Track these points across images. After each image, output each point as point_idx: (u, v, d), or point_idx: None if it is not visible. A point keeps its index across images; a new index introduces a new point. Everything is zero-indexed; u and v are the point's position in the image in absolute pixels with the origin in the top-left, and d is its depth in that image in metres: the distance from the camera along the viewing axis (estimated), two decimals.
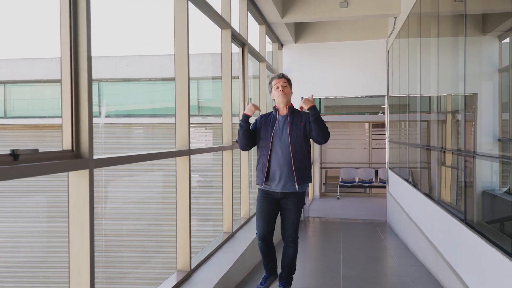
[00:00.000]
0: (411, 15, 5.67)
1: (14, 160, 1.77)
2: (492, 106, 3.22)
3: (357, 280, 4.19)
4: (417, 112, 5.61)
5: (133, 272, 7.27)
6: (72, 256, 2.21)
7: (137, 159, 2.83)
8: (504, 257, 2.59)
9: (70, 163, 2.09)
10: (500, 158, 2.95)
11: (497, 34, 3.15)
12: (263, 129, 3.48)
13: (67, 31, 2.16)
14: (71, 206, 2.21)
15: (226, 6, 4.70)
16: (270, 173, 3.40)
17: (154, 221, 7.60)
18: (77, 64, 2.20)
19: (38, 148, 1.91)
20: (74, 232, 2.21)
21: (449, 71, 4.02)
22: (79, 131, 2.18)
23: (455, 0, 4.03)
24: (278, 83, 3.51)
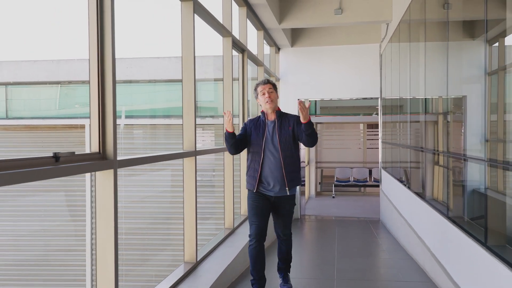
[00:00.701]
0: (402, 22, 6.01)
1: (56, 162, 2.09)
2: (481, 108, 3.35)
3: (351, 271, 4.54)
4: (407, 114, 5.95)
5: (145, 264, 7.60)
6: (99, 245, 2.53)
7: (154, 159, 3.16)
8: (482, 248, 2.94)
9: (98, 164, 2.41)
10: (489, 162, 3.09)
11: (486, 39, 3.29)
12: (254, 134, 3.53)
13: (95, 33, 2.45)
14: (98, 202, 2.53)
15: (227, 15, 5.02)
16: (262, 179, 3.48)
17: (161, 219, 7.91)
18: (103, 67, 2.50)
19: (74, 151, 2.23)
20: (100, 225, 2.53)
21: (437, 74, 4.34)
22: (105, 134, 2.50)
23: (444, 8, 4.38)
24: (264, 90, 3.53)
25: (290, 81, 8.51)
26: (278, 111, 3.57)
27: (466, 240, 3.22)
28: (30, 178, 1.87)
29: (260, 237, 3.50)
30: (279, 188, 3.46)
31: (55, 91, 11.19)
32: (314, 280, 4.30)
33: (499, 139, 2.89)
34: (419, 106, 5.20)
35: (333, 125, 12.70)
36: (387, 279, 4.52)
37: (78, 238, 9.73)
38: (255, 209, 3.50)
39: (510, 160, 2.64)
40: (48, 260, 9.62)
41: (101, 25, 2.48)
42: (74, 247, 9.63)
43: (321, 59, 8.38)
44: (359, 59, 8.23)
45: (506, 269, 2.50)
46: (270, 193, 3.49)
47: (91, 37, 2.48)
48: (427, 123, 4.94)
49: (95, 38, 2.46)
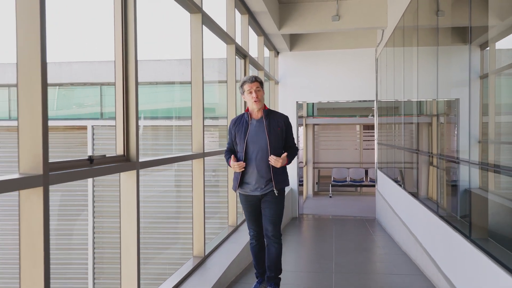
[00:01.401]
0: (397, 29, 6.34)
1: (91, 164, 2.39)
2: (473, 110, 3.50)
3: (348, 265, 4.86)
4: (402, 116, 6.29)
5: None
6: (123, 238, 2.83)
7: (170, 161, 3.49)
8: (466, 241, 3.27)
9: (123, 165, 2.71)
10: (480, 165, 3.26)
11: (479, 44, 3.46)
12: (238, 136, 3.47)
13: (120, 37, 2.76)
14: (122, 200, 2.84)
15: (231, 24, 5.33)
16: (246, 180, 3.43)
17: (168, 218, 8.22)
18: (127, 69, 2.81)
19: (105, 154, 2.54)
20: (124, 221, 2.83)
21: (430, 78, 4.64)
22: (128, 138, 2.81)
23: (437, 15, 4.70)
24: (251, 88, 3.43)
25: (288, 84, 8.83)
26: (265, 110, 3.47)
27: (453, 234, 3.55)
28: (73, 177, 2.18)
29: (259, 237, 3.60)
30: (266, 187, 3.40)
31: (53, 92, 11.47)
32: (313, 273, 4.63)
33: (491, 140, 3.13)
34: (412, 108, 5.53)
35: (330, 126, 13.06)
36: (382, 272, 4.85)
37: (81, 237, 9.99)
38: (249, 215, 3.54)
39: (494, 163, 2.97)
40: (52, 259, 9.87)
41: (125, 32, 2.78)
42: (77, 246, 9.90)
43: (319, 62, 8.71)
44: (356, 63, 8.56)
45: (487, 259, 2.82)
46: (256, 193, 3.44)
47: (117, 43, 2.78)
48: (420, 125, 5.27)
49: (120, 45, 2.77)
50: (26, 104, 1.93)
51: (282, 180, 3.45)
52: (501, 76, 3.08)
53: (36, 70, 1.92)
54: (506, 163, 2.82)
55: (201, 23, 4.12)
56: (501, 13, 3.01)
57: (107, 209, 9.94)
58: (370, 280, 4.51)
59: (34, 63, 1.92)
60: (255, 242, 3.62)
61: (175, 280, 3.58)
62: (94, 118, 10.90)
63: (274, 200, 3.44)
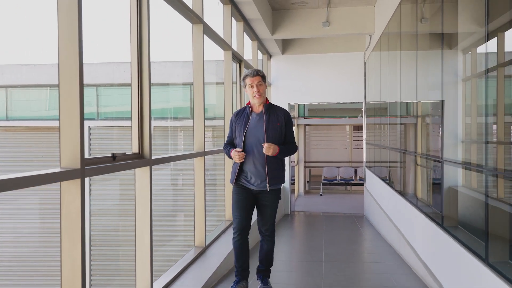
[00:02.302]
0: (383, 35, 6.80)
1: (114, 160, 2.80)
2: (457, 111, 3.72)
3: (337, 255, 5.30)
4: (387, 116, 6.74)
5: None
6: (138, 227, 3.23)
7: (178, 158, 3.93)
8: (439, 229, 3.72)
9: (138, 162, 3.12)
10: (463, 165, 3.51)
11: (461, 49, 3.69)
12: (237, 128, 3.49)
13: (135, 39, 3.15)
14: (137, 193, 3.24)
15: (228, 32, 5.74)
16: (244, 173, 3.44)
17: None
18: (141, 71, 3.20)
19: (125, 152, 2.94)
20: (139, 212, 3.23)
21: (412, 81, 5.04)
22: (143, 137, 3.21)
23: (421, 22, 5.15)
24: (253, 82, 3.43)
25: (281, 86, 9.27)
26: (266, 104, 3.47)
27: (429, 224, 4.01)
28: (102, 171, 2.59)
29: (243, 231, 3.48)
30: (260, 183, 3.41)
31: (45, 93, 11.80)
32: (304, 262, 5.06)
33: (473, 140, 3.39)
34: (397, 109, 5.99)
35: (320, 126, 13.54)
36: (368, 261, 5.31)
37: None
38: (238, 202, 3.46)
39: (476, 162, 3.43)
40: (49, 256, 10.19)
41: (140, 38, 3.18)
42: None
43: (310, 65, 9.15)
44: (345, 66, 9.02)
45: (457, 244, 3.27)
46: (252, 187, 3.44)
47: (132, 48, 3.17)
48: (405, 125, 5.72)
49: (135, 50, 3.17)
50: (66, 107, 2.33)
51: (276, 176, 3.43)
52: (482, 79, 3.26)
53: (75, 77, 2.32)
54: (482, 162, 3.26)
55: (202, 32, 4.53)
56: (480, 20, 3.20)
57: (103, 207, 10.29)
58: (357, 268, 4.96)
59: (74, 70, 2.32)
60: (238, 237, 3.49)
61: (180, 267, 3.99)
62: (90, 118, 11.24)
63: (269, 200, 3.44)
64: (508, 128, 2.86)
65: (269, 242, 3.57)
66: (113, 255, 8.90)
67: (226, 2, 5.68)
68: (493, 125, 2.92)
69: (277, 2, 7.22)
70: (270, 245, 3.58)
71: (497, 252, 2.67)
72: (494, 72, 2.90)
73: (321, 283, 4.04)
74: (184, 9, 4.08)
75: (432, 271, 3.93)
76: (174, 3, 3.88)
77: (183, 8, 4.05)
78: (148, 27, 3.19)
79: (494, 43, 2.92)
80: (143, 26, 3.19)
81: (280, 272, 4.52)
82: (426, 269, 4.06)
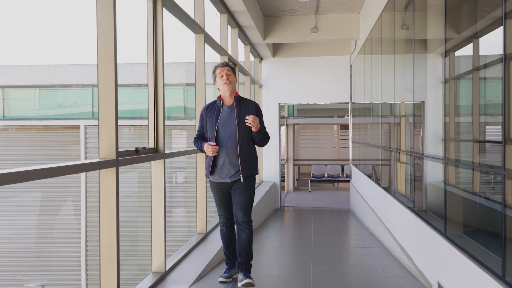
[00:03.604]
0: (367, 40, 7.45)
1: (136, 153, 3.37)
2: (437, 111, 3.90)
3: (324, 242, 5.93)
4: (371, 116, 7.39)
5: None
6: (153, 213, 3.81)
7: (187, 153, 4.52)
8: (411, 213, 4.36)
9: (155, 155, 3.69)
10: (444, 160, 3.72)
11: (440, 52, 3.93)
12: (209, 122, 3.58)
13: (151, 41, 3.71)
14: (153, 183, 3.81)
15: (224, 39, 6.33)
16: (217, 166, 3.54)
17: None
18: (156, 71, 3.77)
19: (145, 146, 3.52)
20: (154, 198, 3.81)
21: (397, 83, 5.64)
22: (157, 133, 3.78)
23: (402, 28, 5.79)
24: (222, 72, 3.54)
25: (271, 87, 9.89)
26: (236, 97, 3.58)
27: (403, 209, 4.65)
28: (130, 162, 3.16)
29: (229, 224, 3.74)
30: (234, 174, 3.51)
31: (33, 93, 12.27)
32: (295, 247, 5.69)
33: (451, 138, 3.72)
34: (381, 110, 6.63)
35: (309, 126, 14.21)
36: (353, 246, 5.97)
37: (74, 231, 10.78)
38: (219, 201, 3.67)
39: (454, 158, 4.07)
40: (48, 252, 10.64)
41: (155, 42, 3.74)
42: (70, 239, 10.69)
43: (299, 68, 9.79)
44: (332, 68, 9.69)
45: (426, 225, 3.90)
46: (226, 180, 3.55)
47: (149, 51, 3.73)
48: (388, 124, 6.36)
49: (151, 54, 3.72)
50: (104, 107, 2.89)
51: (249, 166, 3.54)
52: (460, 81, 3.52)
53: (111, 80, 2.88)
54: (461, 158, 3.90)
55: (204, 41, 5.12)
56: (457, 27, 3.54)
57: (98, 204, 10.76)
58: (343, 250, 5.60)
59: (110, 74, 2.89)
60: (225, 229, 3.74)
61: (186, 249, 4.57)
62: (86, 118, 11.72)
63: (243, 187, 3.53)
64: (483, 126, 3.03)
65: (247, 231, 3.59)
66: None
67: (223, 11, 6.27)
68: (471, 124, 3.17)
69: (268, 10, 7.83)
70: (248, 235, 3.59)
71: (453, 228, 3.31)
72: (470, 75, 3.16)
73: (310, 262, 4.65)
74: (188, 21, 4.66)
75: (404, 248, 4.57)
76: (181, 16, 4.45)
77: (188, 20, 4.63)
78: (162, 36, 3.76)
79: (470, 48, 3.17)
80: (158, 35, 3.75)
81: (272, 254, 5.13)
82: (401, 249, 4.70)
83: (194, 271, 3.97)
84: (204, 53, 5.14)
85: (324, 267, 4.43)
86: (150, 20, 3.74)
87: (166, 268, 3.83)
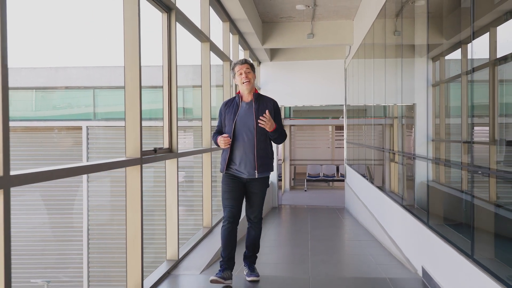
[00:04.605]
0: (361, 46, 7.93)
1: (155, 153, 3.82)
2: (427, 113, 4.05)
3: (320, 235, 6.41)
4: (364, 118, 7.87)
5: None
6: (168, 204, 4.26)
7: (198, 152, 4.96)
8: (400, 207, 4.83)
9: (169, 155, 4.14)
10: (434, 160, 4.04)
11: (431, 57, 4.02)
12: (227, 117, 3.61)
13: (166, 50, 4.15)
14: (167, 179, 4.25)
15: (226, 45, 6.79)
16: (233, 161, 3.57)
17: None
18: (170, 73, 4.21)
19: (162, 146, 3.97)
20: (168, 193, 4.26)
21: (389, 86, 6.08)
22: (171, 134, 4.22)
23: (394, 34, 6.26)
24: (241, 69, 3.57)
25: (269, 89, 10.36)
26: (255, 93, 3.62)
27: (393, 205, 5.13)
28: (151, 160, 3.61)
29: (233, 220, 3.59)
30: (249, 171, 3.54)
31: (30, 95, 12.66)
32: (293, 240, 6.16)
33: (441, 139, 3.88)
34: (375, 111, 7.11)
35: (305, 127, 14.73)
36: (347, 239, 6.46)
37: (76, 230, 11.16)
38: (228, 192, 3.59)
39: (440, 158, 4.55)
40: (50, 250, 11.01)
41: (169, 49, 4.18)
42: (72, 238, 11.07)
43: (296, 71, 10.29)
44: (328, 72, 10.19)
45: (412, 217, 4.38)
46: (242, 175, 3.57)
47: (164, 55, 4.16)
48: (381, 126, 6.84)
49: (166, 60, 4.16)
50: (130, 110, 3.32)
51: (265, 163, 3.57)
52: (450, 84, 3.75)
53: (136, 83, 3.32)
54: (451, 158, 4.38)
55: (209, 49, 5.58)
56: (446, 34, 3.80)
57: (100, 203, 11.18)
58: (338, 243, 6.09)
59: (135, 78, 3.33)
60: (228, 225, 3.60)
61: (194, 241, 5.02)
62: (88, 119, 12.13)
63: (259, 188, 3.60)
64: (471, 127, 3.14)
65: (257, 229, 3.71)
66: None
67: (225, 19, 6.73)
68: (460, 126, 3.32)
69: (267, 16, 8.30)
70: (257, 232, 3.72)
71: (436, 218, 3.79)
72: (459, 79, 3.34)
73: (308, 253, 5.12)
74: (196, 31, 5.11)
75: (393, 239, 5.05)
76: (190, 27, 4.90)
77: (196, 31, 5.09)
78: (176, 46, 4.20)
79: (459, 53, 3.33)
80: (172, 45, 4.20)
81: (272, 246, 5.60)
82: (391, 241, 5.18)
83: (203, 260, 4.42)
84: (210, 59, 5.60)
85: (321, 257, 4.90)
86: (165, 32, 4.19)
87: (179, 256, 4.28)
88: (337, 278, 4.14)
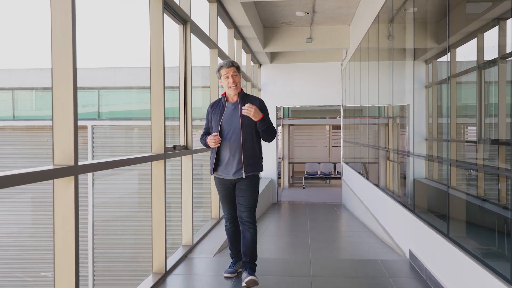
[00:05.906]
0: (357, 50, 8.49)
1: (174, 149, 4.37)
2: (421, 114, 4.36)
3: (320, 227, 6.97)
4: (360, 117, 8.44)
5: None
6: (183, 195, 4.80)
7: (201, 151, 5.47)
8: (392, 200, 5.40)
9: (186, 151, 4.69)
10: (427, 158, 4.23)
11: (424, 59, 4.26)
12: (213, 119, 3.63)
13: (182, 53, 4.69)
14: (183, 173, 4.80)
15: (231, 50, 7.34)
16: (220, 162, 3.59)
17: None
18: (186, 79, 4.75)
19: (180, 143, 4.52)
20: (184, 185, 4.80)
21: (384, 87, 6.67)
22: (187, 133, 4.77)
23: (388, 39, 6.81)
24: (228, 73, 3.52)
25: (269, 90, 10.93)
26: (241, 93, 3.60)
27: (385, 197, 5.70)
28: (172, 156, 4.16)
29: (233, 220, 3.79)
30: (236, 171, 3.54)
31: (30, 95, 13.15)
32: (293, 231, 6.72)
33: (434, 138, 4.14)
34: (371, 112, 7.67)
35: (303, 126, 15.33)
36: (344, 230, 7.04)
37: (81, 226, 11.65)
38: (223, 198, 3.73)
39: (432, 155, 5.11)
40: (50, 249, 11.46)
41: (185, 57, 4.73)
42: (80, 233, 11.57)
43: (295, 73, 10.86)
44: (325, 74, 10.77)
45: (404, 210, 4.94)
46: (230, 177, 3.59)
47: (180, 65, 4.70)
48: (377, 125, 7.41)
49: (182, 64, 4.70)
50: (155, 110, 3.86)
51: (252, 163, 3.54)
52: (441, 85, 3.89)
53: (160, 87, 3.87)
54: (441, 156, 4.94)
55: (217, 55, 6.13)
56: (437, 38, 4.03)
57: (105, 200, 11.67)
58: (336, 233, 6.66)
59: (160, 77, 3.88)
60: (230, 225, 3.81)
61: (201, 233, 5.56)
62: (93, 118, 12.65)
63: (247, 188, 3.55)
64: (460, 127, 3.50)
65: (251, 230, 3.60)
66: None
67: (230, 26, 7.29)
68: (449, 126, 3.48)
69: (268, 22, 8.86)
70: (252, 236, 3.60)
71: (420, 207, 4.36)
72: (449, 81, 3.45)
73: (308, 241, 5.69)
74: (206, 39, 5.66)
75: (384, 227, 5.61)
76: (201, 36, 5.45)
77: (206, 39, 5.64)
78: (191, 53, 4.75)
79: (449, 56, 3.46)
80: (187, 53, 4.74)
81: (274, 236, 6.16)
82: (383, 230, 5.75)
83: (215, 245, 4.98)
84: (215, 66, 6.14)
85: (320, 244, 5.47)
86: (181, 41, 4.74)
87: (193, 242, 4.84)
88: (335, 260, 4.71)
